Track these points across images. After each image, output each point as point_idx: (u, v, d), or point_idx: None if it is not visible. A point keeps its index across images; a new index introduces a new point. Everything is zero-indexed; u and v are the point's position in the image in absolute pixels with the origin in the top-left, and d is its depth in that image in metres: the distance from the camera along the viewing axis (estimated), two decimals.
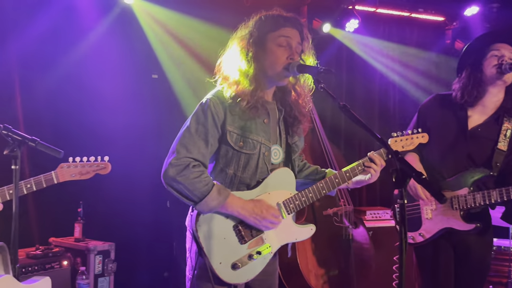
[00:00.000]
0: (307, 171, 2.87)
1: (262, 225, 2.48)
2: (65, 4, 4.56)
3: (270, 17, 2.55)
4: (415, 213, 3.30)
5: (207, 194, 2.37)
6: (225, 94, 2.50)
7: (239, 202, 2.45)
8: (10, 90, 4.47)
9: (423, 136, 2.84)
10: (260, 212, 2.47)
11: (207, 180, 2.40)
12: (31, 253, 4.07)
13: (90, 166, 2.70)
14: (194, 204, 2.40)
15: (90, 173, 2.73)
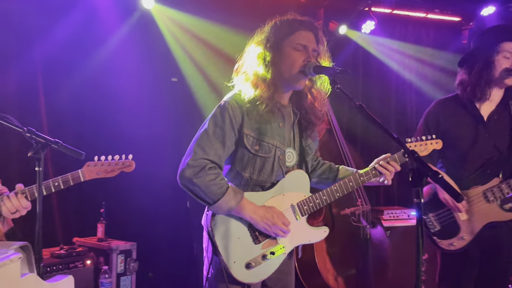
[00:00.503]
0: (320, 170, 2.87)
1: (272, 231, 2.49)
2: (86, 10, 4.61)
3: (285, 21, 2.56)
4: (449, 219, 3.25)
5: (221, 197, 2.38)
6: (243, 97, 2.50)
7: (251, 207, 2.46)
8: (34, 93, 4.53)
9: (437, 142, 2.83)
10: (271, 218, 2.47)
11: (222, 183, 2.41)
12: (55, 252, 4.12)
13: (115, 164, 2.73)
14: (208, 205, 2.42)
15: (115, 171, 2.74)
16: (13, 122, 2.19)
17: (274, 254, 2.52)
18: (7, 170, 4.12)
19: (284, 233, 2.51)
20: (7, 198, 2.46)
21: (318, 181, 2.87)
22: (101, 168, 2.69)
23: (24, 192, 2.50)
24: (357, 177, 2.66)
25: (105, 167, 2.70)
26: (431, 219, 3.28)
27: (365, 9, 5.71)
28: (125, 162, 2.75)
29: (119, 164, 2.73)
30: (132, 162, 2.76)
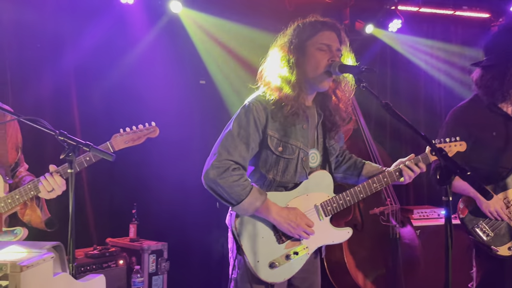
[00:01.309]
0: (346, 165, 2.85)
1: (295, 233, 2.47)
2: (116, 15, 4.68)
3: (308, 23, 2.55)
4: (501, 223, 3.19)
5: (244, 198, 2.38)
6: (267, 99, 2.50)
7: (275, 209, 2.45)
8: (67, 97, 4.63)
9: (461, 144, 2.78)
10: (295, 219, 2.46)
11: (245, 184, 2.40)
12: (89, 252, 4.18)
13: (140, 131, 2.79)
14: (232, 206, 2.42)
15: (141, 137, 2.80)
16: (46, 125, 2.23)
17: (297, 254, 2.50)
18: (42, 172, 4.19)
19: (308, 234, 2.50)
20: (44, 178, 2.56)
21: (344, 176, 2.85)
22: (127, 137, 2.76)
23: (58, 171, 2.59)
24: (381, 179, 2.63)
25: (131, 135, 2.77)
26: (484, 226, 3.20)
27: (391, 7, 5.65)
28: (149, 128, 2.82)
29: (143, 131, 2.80)
30: (156, 128, 2.83)
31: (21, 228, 2.64)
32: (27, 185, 2.60)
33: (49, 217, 2.74)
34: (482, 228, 3.18)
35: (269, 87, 2.52)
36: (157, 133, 2.83)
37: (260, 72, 2.62)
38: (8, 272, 1.38)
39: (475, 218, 3.20)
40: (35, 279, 1.43)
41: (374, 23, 5.65)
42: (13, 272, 1.38)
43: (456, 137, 2.77)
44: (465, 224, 3.22)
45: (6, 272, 1.38)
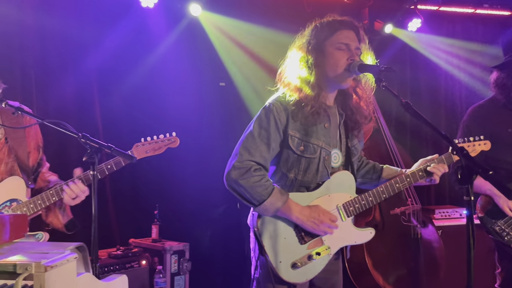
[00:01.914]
0: (364, 170, 2.83)
1: (320, 230, 2.46)
2: (137, 20, 4.73)
3: (325, 23, 2.54)
4: None
5: (266, 198, 2.37)
6: (288, 100, 2.49)
7: (297, 208, 2.44)
8: (90, 101, 4.68)
9: (485, 143, 2.74)
10: (317, 216, 2.44)
11: (267, 185, 2.40)
12: (112, 253, 4.21)
13: (161, 141, 2.83)
14: (254, 206, 2.41)
15: (162, 148, 2.84)
16: (69, 128, 2.26)
17: (319, 254, 2.49)
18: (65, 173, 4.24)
19: (332, 229, 2.48)
20: (67, 186, 2.60)
21: (363, 181, 2.83)
22: (148, 146, 2.80)
23: (80, 177, 2.63)
24: (404, 179, 2.61)
25: (152, 145, 2.81)
26: (502, 226, 3.15)
27: (411, 7, 5.60)
28: (170, 138, 2.86)
29: (164, 141, 2.84)
30: (176, 138, 2.87)
31: (42, 233, 2.68)
32: (49, 191, 2.63)
33: (71, 219, 2.77)
34: (502, 227, 3.13)
35: (288, 88, 2.51)
36: (177, 144, 2.87)
37: (279, 73, 2.61)
38: (33, 272, 1.40)
39: (494, 217, 3.16)
40: (59, 279, 1.45)
41: (393, 23, 5.61)
42: (38, 272, 1.39)
43: (480, 136, 2.74)
44: (484, 223, 3.18)
45: (31, 272, 1.39)
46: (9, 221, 1.81)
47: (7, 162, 2.68)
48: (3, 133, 2.68)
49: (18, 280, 1.38)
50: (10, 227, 1.80)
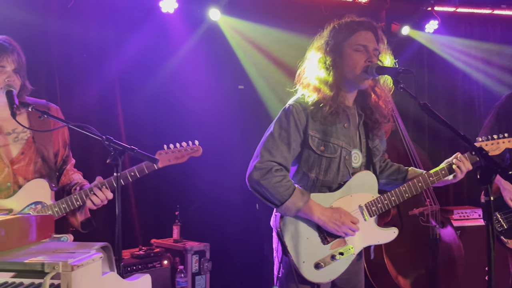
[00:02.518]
0: (389, 171, 2.80)
1: (341, 231, 2.45)
2: (158, 25, 4.77)
3: (344, 24, 2.53)
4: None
5: (287, 198, 2.37)
6: (307, 100, 2.49)
7: (318, 208, 2.43)
8: (112, 105, 4.73)
9: (510, 140, 2.68)
10: (339, 218, 2.43)
11: (288, 185, 2.40)
12: (135, 253, 4.24)
13: (184, 150, 2.81)
14: (276, 207, 2.41)
15: (184, 156, 2.82)
16: (93, 131, 2.28)
17: (343, 254, 2.48)
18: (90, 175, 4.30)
19: (354, 231, 2.47)
20: (93, 193, 2.61)
21: (387, 182, 2.81)
22: (171, 155, 2.78)
23: (104, 184, 2.64)
24: (427, 178, 2.59)
25: (176, 153, 2.79)
26: (499, 218, 3.14)
27: (428, 8, 5.55)
28: (193, 147, 2.83)
29: (187, 149, 2.82)
30: (199, 147, 2.84)
31: (67, 235, 2.70)
32: (74, 195, 2.64)
33: (88, 217, 2.78)
34: (498, 218, 3.13)
35: (307, 89, 2.52)
36: (200, 153, 2.85)
37: (298, 74, 2.61)
38: (60, 271, 1.42)
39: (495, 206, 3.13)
40: (85, 278, 1.47)
41: (410, 25, 5.58)
42: (65, 271, 1.42)
43: (505, 134, 2.69)
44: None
45: (58, 271, 1.42)
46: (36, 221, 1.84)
47: (36, 161, 2.71)
48: (31, 132, 2.71)
49: (46, 279, 1.41)
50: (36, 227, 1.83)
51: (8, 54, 2.59)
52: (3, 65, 2.57)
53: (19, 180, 2.65)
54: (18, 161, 2.66)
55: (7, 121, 2.65)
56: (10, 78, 2.57)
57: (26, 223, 1.78)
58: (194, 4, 4.86)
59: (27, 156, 2.68)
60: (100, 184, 2.64)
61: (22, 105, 2.49)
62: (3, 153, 2.64)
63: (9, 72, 2.58)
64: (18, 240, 1.72)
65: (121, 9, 4.66)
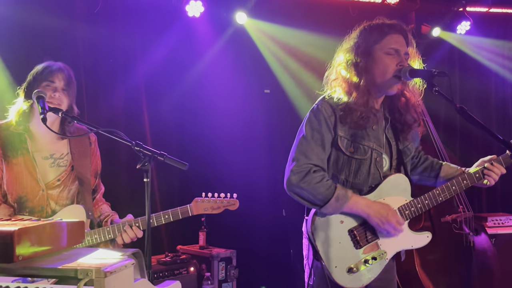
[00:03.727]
0: (422, 167, 2.77)
1: (384, 228, 2.42)
2: (184, 29, 4.83)
3: (374, 26, 2.50)
4: None
5: (331, 197, 2.36)
6: (335, 101, 2.48)
7: (364, 201, 2.42)
8: (138, 108, 4.79)
9: None
10: (386, 214, 2.41)
11: (329, 184, 2.39)
12: (161, 259, 4.27)
13: (221, 202, 2.88)
14: (319, 208, 2.40)
15: (220, 208, 2.90)
16: (122, 136, 2.30)
17: (376, 259, 2.45)
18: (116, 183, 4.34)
19: (396, 231, 2.44)
20: (124, 231, 2.71)
21: (420, 178, 2.78)
22: (208, 204, 2.86)
23: (137, 222, 2.74)
24: (460, 181, 2.54)
25: (212, 204, 2.87)
26: None
27: (459, 9, 5.49)
28: (230, 201, 2.91)
29: (224, 202, 2.90)
30: (236, 201, 2.91)
31: None
32: (106, 228, 2.73)
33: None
34: None
35: (337, 92, 2.50)
36: (237, 207, 2.91)
37: (326, 76, 2.60)
38: (93, 278, 1.43)
39: None
40: (118, 285, 1.48)
41: (441, 26, 5.53)
42: (98, 277, 1.43)
43: None
44: None
45: (91, 277, 1.43)
46: (67, 227, 1.86)
47: (70, 189, 2.76)
48: (70, 161, 2.76)
49: (79, 285, 1.42)
50: (68, 233, 1.85)
51: (60, 73, 2.68)
52: (53, 80, 2.65)
53: (50, 204, 2.70)
54: (54, 186, 2.71)
55: (47, 145, 2.72)
56: (57, 94, 2.63)
57: (57, 229, 1.80)
58: (220, 7, 4.90)
59: (63, 183, 2.74)
60: (134, 222, 2.73)
61: (52, 111, 2.52)
62: (40, 176, 2.68)
63: (57, 87, 2.65)
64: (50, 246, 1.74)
65: (147, 13, 4.71)
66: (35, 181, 2.65)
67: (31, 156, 2.66)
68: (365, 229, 2.45)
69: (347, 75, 2.49)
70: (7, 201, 2.65)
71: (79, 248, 1.89)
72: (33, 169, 2.65)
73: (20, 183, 2.64)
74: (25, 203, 2.64)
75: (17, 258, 1.52)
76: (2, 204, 2.64)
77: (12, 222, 1.79)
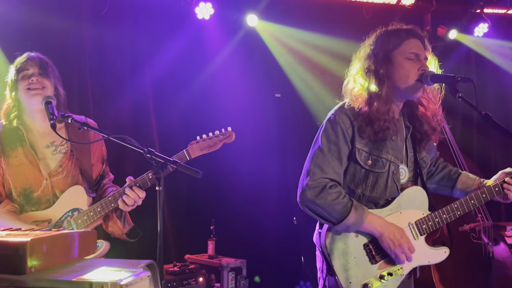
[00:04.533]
0: (439, 176, 2.76)
1: (393, 251, 2.39)
2: (193, 31, 4.84)
3: (391, 32, 2.49)
4: None
5: (346, 215, 2.34)
6: (355, 112, 2.45)
7: (380, 221, 2.39)
8: (146, 113, 4.80)
9: None
10: (399, 238, 2.39)
11: (345, 201, 2.36)
12: (169, 269, 4.26)
13: (216, 137, 2.77)
14: (333, 225, 2.38)
15: (217, 144, 2.77)
16: (134, 143, 2.29)
17: (392, 275, 2.43)
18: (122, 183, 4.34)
19: (406, 258, 2.42)
20: (125, 195, 2.62)
21: (437, 187, 2.76)
22: (203, 143, 2.74)
23: (137, 182, 2.64)
24: (479, 195, 2.53)
25: (207, 142, 2.74)
26: None
27: (477, 11, 5.46)
28: (225, 133, 2.77)
29: (219, 136, 2.76)
30: (232, 133, 2.77)
31: (102, 241, 2.72)
32: (108, 197, 2.68)
33: (132, 226, 2.80)
34: None
35: (356, 101, 2.46)
36: (233, 138, 2.78)
37: (344, 86, 2.57)
38: None
39: None
40: None
41: (458, 28, 5.51)
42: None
43: None
44: None
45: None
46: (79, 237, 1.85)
47: (74, 174, 2.77)
48: (69, 146, 2.78)
49: None
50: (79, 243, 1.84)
51: (30, 60, 2.71)
52: (25, 67, 2.68)
53: (56, 193, 2.72)
54: (56, 174, 2.73)
55: (46, 134, 2.75)
56: (34, 78, 2.66)
57: (69, 240, 1.80)
58: (231, 9, 4.91)
59: (65, 169, 2.75)
60: (134, 182, 2.65)
61: (62, 117, 2.53)
62: (42, 166, 2.71)
63: (33, 73, 2.68)
64: (62, 257, 1.73)
65: (155, 16, 4.72)
66: (38, 171, 2.69)
67: (30, 146, 2.71)
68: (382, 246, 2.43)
69: (366, 83, 2.46)
70: (12, 198, 2.69)
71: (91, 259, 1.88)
72: (34, 159, 2.70)
73: (22, 175, 2.68)
74: (30, 195, 2.69)
75: (29, 270, 1.51)
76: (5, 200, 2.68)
77: (23, 232, 1.78)
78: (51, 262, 1.65)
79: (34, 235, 1.64)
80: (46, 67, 2.73)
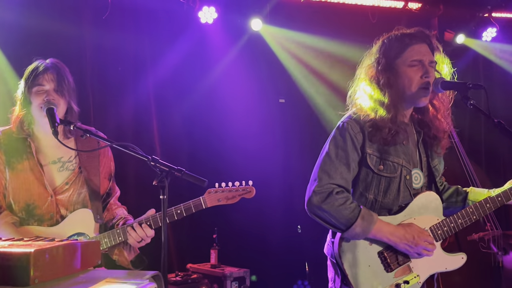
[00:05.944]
0: (447, 194, 2.75)
1: (414, 252, 2.39)
2: (196, 36, 4.84)
3: (394, 38, 2.50)
4: None
5: (354, 221, 2.33)
6: (363, 119, 2.46)
7: (388, 228, 2.39)
8: (147, 119, 4.80)
9: None
10: (412, 239, 2.38)
11: (352, 207, 2.36)
12: (171, 279, 4.25)
13: (236, 190, 2.72)
14: (341, 232, 2.37)
15: (236, 197, 2.73)
16: (137, 151, 2.28)
17: (408, 283, 2.42)
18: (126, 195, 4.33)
19: (429, 252, 2.41)
20: (132, 228, 2.58)
21: (446, 205, 2.75)
22: (221, 194, 2.70)
23: (148, 220, 2.60)
24: (495, 198, 2.53)
25: (226, 193, 2.70)
26: None
27: (485, 15, 5.47)
28: (245, 188, 2.72)
29: (239, 190, 2.71)
30: (252, 188, 2.72)
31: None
32: (116, 229, 2.65)
33: (137, 254, 2.77)
34: None
35: (362, 110, 2.48)
36: (253, 194, 2.74)
37: (349, 96, 2.59)
38: None
39: None
40: None
41: (465, 33, 5.52)
42: None
43: None
44: None
45: None
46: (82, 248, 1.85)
47: (80, 192, 2.72)
48: (78, 163, 2.73)
49: None
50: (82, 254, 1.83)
51: (47, 73, 2.62)
52: (42, 83, 2.60)
53: (61, 211, 2.67)
54: (62, 191, 2.68)
55: (56, 148, 2.67)
56: (50, 97, 2.58)
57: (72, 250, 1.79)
58: (235, 14, 4.91)
59: (72, 186, 2.70)
60: (144, 220, 2.61)
61: (64, 123, 2.52)
62: (47, 182, 2.65)
63: (48, 91, 2.60)
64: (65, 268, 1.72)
65: (158, 20, 4.73)
66: (43, 187, 2.63)
67: (36, 160, 2.64)
68: (396, 251, 2.42)
69: (371, 91, 2.48)
70: (12, 210, 2.63)
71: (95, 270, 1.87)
72: (40, 174, 2.63)
73: (27, 190, 2.62)
74: (34, 211, 2.62)
75: (32, 282, 1.50)
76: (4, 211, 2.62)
77: (25, 242, 1.78)
78: (54, 273, 1.64)
79: (37, 245, 1.63)
80: (62, 82, 2.64)
